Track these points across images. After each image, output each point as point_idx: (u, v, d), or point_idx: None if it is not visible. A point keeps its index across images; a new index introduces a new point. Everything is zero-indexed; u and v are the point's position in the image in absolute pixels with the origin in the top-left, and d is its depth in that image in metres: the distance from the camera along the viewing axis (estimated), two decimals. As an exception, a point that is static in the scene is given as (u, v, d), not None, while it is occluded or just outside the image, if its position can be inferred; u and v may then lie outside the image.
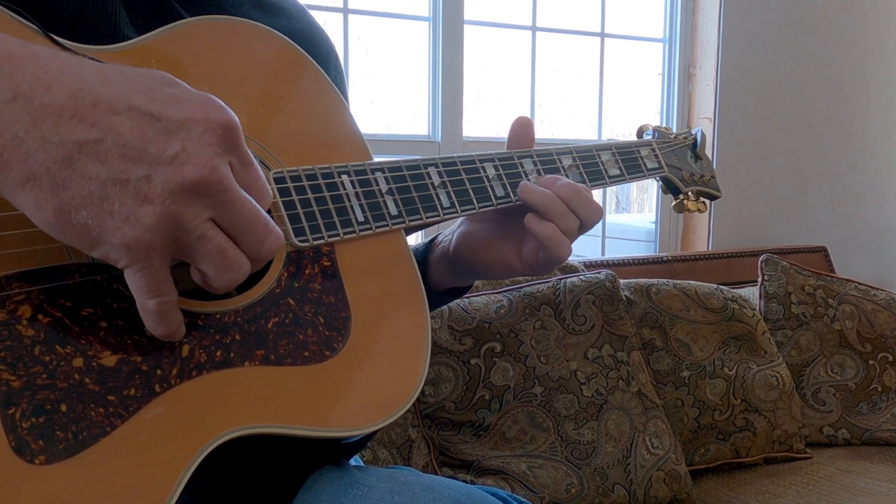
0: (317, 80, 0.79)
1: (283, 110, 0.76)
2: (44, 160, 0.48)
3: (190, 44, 0.70)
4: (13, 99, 0.47)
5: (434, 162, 0.83)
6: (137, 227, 0.49)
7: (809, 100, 2.92)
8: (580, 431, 1.73)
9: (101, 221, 0.49)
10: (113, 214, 0.49)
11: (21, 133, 0.47)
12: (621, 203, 3.97)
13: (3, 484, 0.50)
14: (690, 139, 1.10)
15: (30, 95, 0.48)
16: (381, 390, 0.69)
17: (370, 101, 2.33)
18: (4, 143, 0.47)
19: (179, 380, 0.59)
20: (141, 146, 0.50)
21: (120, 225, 0.49)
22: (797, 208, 2.95)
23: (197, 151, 0.51)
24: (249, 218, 0.54)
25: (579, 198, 0.85)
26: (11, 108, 0.47)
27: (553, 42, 2.63)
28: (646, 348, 1.97)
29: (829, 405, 2.18)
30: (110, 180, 0.49)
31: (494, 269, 0.89)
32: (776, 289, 2.28)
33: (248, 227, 0.54)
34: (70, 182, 0.48)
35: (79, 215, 0.49)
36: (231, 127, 0.53)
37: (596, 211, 0.86)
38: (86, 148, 0.48)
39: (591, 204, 0.86)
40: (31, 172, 0.48)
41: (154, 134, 0.50)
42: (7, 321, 0.53)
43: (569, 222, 0.84)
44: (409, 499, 0.69)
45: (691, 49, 2.80)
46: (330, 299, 0.70)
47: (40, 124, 0.48)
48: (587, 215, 0.85)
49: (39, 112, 0.48)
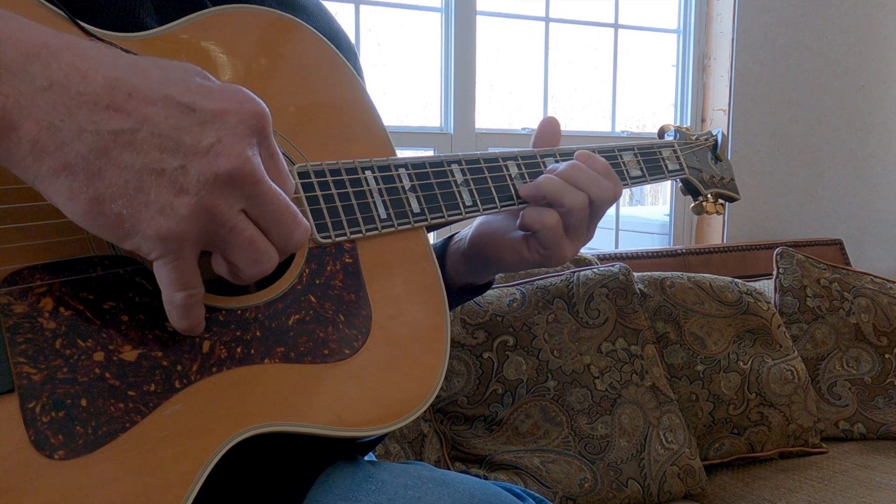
0: (342, 73, 0.79)
1: (309, 103, 0.75)
2: (79, 149, 0.48)
3: (216, 33, 0.70)
4: (49, 87, 0.47)
5: (458, 159, 0.83)
6: (172, 217, 0.49)
7: (825, 91, 2.90)
8: (594, 426, 1.72)
9: (136, 212, 0.49)
10: (148, 205, 0.49)
11: (57, 122, 0.47)
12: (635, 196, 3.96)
13: (23, 479, 0.50)
14: (711, 140, 1.10)
15: (66, 84, 0.48)
16: (399, 390, 0.69)
17: (382, 93, 2.33)
18: (40, 131, 0.47)
19: (199, 376, 0.58)
20: (176, 136, 0.50)
21: (155, 215, 0.49)
22: (812, 201, 2.93)
23: (231, 142, 0.51)
24: (280, 209, 0.54)
25: (582, 173, 0.83)
26: (47, 97, 0.47)
27: (566, 33, 2.61)
28: (660, 342, 1.96)
29: (844, 399, 2.17)
30: (146, 170, 0.49)
31: (506, 259, 0.88)
32: (791, 282, 2.27)
33: (278, 218, 0.54)
34: (105, 171, 0.48)
35: (113, 205, 0.49)
36: (264, 118, 0.53)
37: (605, 187, 0.83)
38: (121, 137, 0.48)
39: (598, 180, 0.83)
40: (66, 161, 0.48)
41: (189, 124, 0.50)
42: (28, 313, 0.53)
43: (575, 198, 0.81)
44: (422, 493, 0.69)
45: (706, 40, 2.78)
46: (351, 297, 0.69)
47: (76, 113, 0.48)
48: (595, 191, 0.83)
49: (75, 101, 0.48)
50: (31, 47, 0.48)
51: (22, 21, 0.49)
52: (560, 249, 0.84)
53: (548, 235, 0.82)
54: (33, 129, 0.47)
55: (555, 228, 0.82)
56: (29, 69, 0.47)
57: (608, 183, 0.84)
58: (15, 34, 0.47)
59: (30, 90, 0.47)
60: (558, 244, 0.83)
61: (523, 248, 0.86)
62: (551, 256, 0.85)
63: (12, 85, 0.47)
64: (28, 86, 0.47)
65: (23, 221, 0.55)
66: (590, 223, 0.86)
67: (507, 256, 0.88)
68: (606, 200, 0.84)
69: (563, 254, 0.84)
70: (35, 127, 0.47)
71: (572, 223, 0.83)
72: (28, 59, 0.47)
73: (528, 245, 0.86)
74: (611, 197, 0.84)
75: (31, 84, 0.47)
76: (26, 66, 0.47)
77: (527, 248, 0.86)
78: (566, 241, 0.84)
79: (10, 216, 0.54)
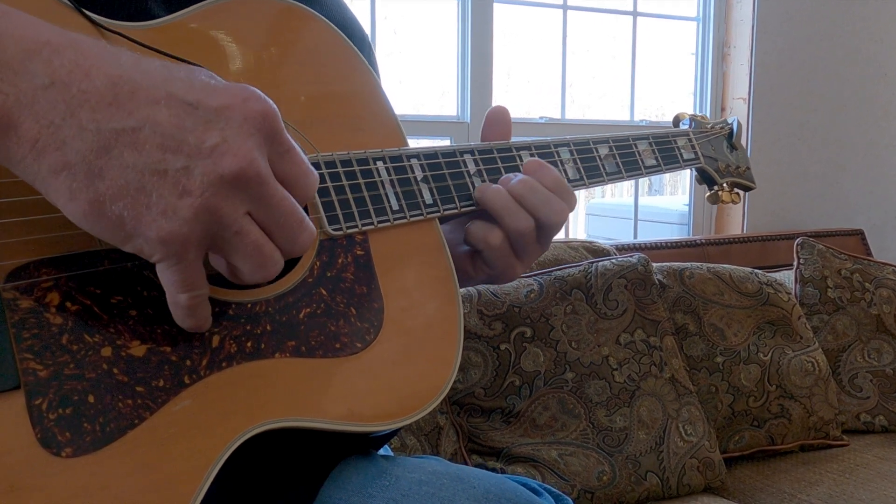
0: (354, 63, 0.78)
1: (320, 93, 0.74)
2: (80, 148, 0.47)
3: (226, 22, 0.69)
4: (50, 85, 0.46)
5: (470, 149, 0.82)
6: (175, 220, 0.48)
7: (846, 79, 2.87)
8: (612, 418, 1.71)
9: (137, 213, 0.48)
10: (150, 206, 0.48)
11: (57, 120, 0.46)
12: (654, 185, 3.93)
13: (30, 477, 0.49)
14: (727, 129, 1.10)
15: (67, 82, 0.47)
16: (413, 383, 0.68)
17: (398, 81, 2.32)
18: (40, 129, 0.46)
19: (209, 371, 0.58)
20: (179, 136, 0.48)
21: (157, 218, 0.48)
22: (833, 190, 2.90)
23: (236, 143, 0.50)
24: (285, 213, 0.53)
25: (533, 193, 0.75)
26: (49, 95, 0.46)
27: (584, 20, 2.59)
28: (679, 333, 1.94)
29: (865, 391, 2.15)
30: (148, 170, 0.48)
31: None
32: (812, 273, 2.25)
33: (283, 221, 0.53)
34: (106, 171, 0.47)
35: (114, 206, 0.48)
36: (270, 116, 0.52)
37: (557, 210, 0.76)
38: (123, 136, 0.47)
39: (549, 201, 0.75)
40: (67, 160, 0.47)
41: (192, 123, 0.49)
42: (34, 308, 0.52)
43: (519, 221, 0.75)
44: (437, 489, 0.68)
45: (725, 28, 2.76)
46: (363, 290, 0.69)
47: (77, 111, 0.47)
48: (544, 213, 0.75)
49: (77, 99, 0.47)
50: (33, 44, 0.47)
51: (24, 17, 0.48)
52: (508, 268, 0.78)
53: (493, 255, 0.76)
54: (33, 128, 0.46)
55: (500, 248, 0.76)
56: (30, 67, 0.46)
57: (560, 205, 0.76)
58: (17, 30, 0.47)
59: (30, 88, 0.46)
60: (506, 263, 0.77)
61: (468, 266, 0.80)
62: (498, 276, 0.79)
63: (13, 83, 0.46)
64: (29, 83, 0.46)
65: (28, 215, 0.54)
66: (540, 241, 0.78)
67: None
68: (557, 224, 0.77)
69: (511, 273, 0.78)
70: (35, 125, 0.46)
71: (520, 244, 0.76)
72: (29, 56, 0.46)
73: (474, 263, 0.80)
74: (562, 220, 0.77)
75: (31, 82, 0.46)
76: (27, 64, 0.46)
77: (472, 265, 0.80)
78: (515, 261, 0.78)
79: (14, 210, 0.54)
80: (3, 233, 0.53)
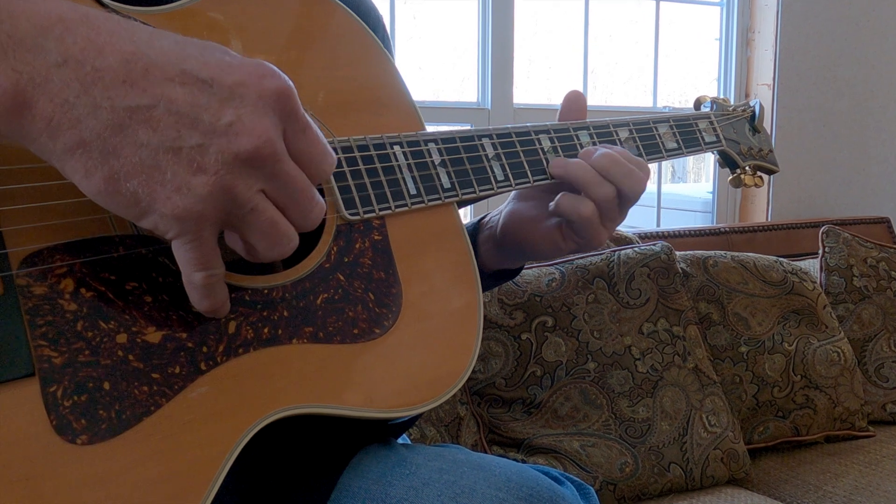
0: (370, 47, 0.78)
1: (336, 77, 0.74)
2: (94, 126, 0.47)
3: (240, 6, 0.68)
4: (64, 63, 0.46)
5: (488, 133, 0.81)
6: (189, 197, 0.48)
7: (872, 65, 2.83)
8: (635, 409, 1.69)
9: (152, 190, 0.48)
10: (164, 184, 0.48)
11: (71, 98, 0.46)
12: (677, 173, 3.90)
13: (45, 465, 0.49)
14: (749, 111, 1.09)
15: (81, 59, 0.47)
16: (431, 370, 0.68)
17: (417, 66, 2.30)
18: (54, 108, 0.46)
19: (226, 357, 0.57)
20: (194, 113, 0.48)
21: (171, 194, 0.48)
22: (859, 178, 2.87)
23: (252, 120, 0.49)
24: (298, 189, 0.53)
25: (617, 166, 0.81)
26: (62, 73, 0.46)
27: (607, 6, 2.57)
28: (702, 323, 1.92)
29: (892, 381, 2.12)
30: (162, 148, 0.48)
31: (541, 248, 0.88)
32: (837, 261, 2.23)
33: (297, 198, 0.53)
34: (121, 149, 0.47)
35: (129, 183, 0.48)
36: (286, 93, 0.51)
37: (638, 180, 0.82)
38: (137, 114, 0.47)
39: (631, 173, 0.82)
40: (81, 139, 0.47)
41: (207, 101, 0.49)
42: (49, 295, 0.52)
43: (604, 190, 0.81)
44: (457, 477, 0.67)
45: (749, 13, 2.72)
46: (381, 275, 0.68)
47: (91, 89, 0.47)
48: (628, 185, 0.81)
49: (91, 77, 0.47)
50: (46, 20, 0.46)
51: None
52: (596, 236, 0.83)
53: (584, 225, 0.82)
54: (48, 107, 0.46)
55: (591, 219, 0.81)
56: (43, 44, 0.46)
57: (640, 174, 0.83)
58: (29, 7, 0.46)
59: (44, 66, 0.46)
60: (595, 231, 0.83)
61: (558, 237, 0.86)
62: (586, 244, 0.85)
63: (26, 61, 0.46)
64: (42, 61, 0.46)
65: (41, 201, 0.53)
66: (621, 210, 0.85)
67: (541, 245, 0.87)
68: (638, 193, 0.83)
69: (599, 240, 0.84)
70: (49, 104, 0.46)
71: (605, 212, 0.82)
72: (42, 33, 0.46)
73: (563, 233, 0.85)
74: (642, 189, 0.83)
75: (45, 59, 0.46)
76: (40, 41, 0.46)
77: (561, 236, 0.86)
78: (601, 229, 0.83)
79: (28, 195, 0.53)
80: (16, 219, 0.53)
